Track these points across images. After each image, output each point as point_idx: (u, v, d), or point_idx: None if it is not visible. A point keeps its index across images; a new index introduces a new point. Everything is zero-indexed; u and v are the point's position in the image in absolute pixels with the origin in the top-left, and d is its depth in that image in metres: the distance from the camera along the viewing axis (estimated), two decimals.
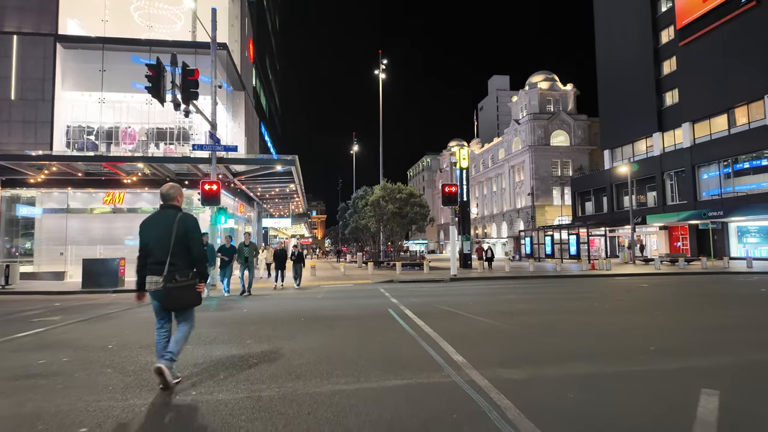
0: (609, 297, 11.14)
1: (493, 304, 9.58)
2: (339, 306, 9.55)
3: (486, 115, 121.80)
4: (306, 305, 9.79)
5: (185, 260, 3.96)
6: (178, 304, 3.97)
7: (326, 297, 11.59)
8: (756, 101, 30.15)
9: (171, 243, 3.90)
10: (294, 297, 11.81)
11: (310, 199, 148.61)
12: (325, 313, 8.40)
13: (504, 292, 12.52)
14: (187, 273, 3.96)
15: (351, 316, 8.07)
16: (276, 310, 9.17)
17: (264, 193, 25.89)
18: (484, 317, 7.61)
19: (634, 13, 41.36)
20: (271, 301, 10.86)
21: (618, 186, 43.42)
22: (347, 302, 10.33)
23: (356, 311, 8.67)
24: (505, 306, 9.27)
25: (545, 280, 17.70)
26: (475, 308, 8.80)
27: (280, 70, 69.91)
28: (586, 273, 20.53)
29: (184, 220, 4.01)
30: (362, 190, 40.90)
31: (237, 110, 26.01)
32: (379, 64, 38.27)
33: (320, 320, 7.53)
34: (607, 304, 9.55)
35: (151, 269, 3.92)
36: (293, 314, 8.32)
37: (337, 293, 12.61)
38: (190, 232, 4.02)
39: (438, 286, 15.13)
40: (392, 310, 8.53)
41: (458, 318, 7.63)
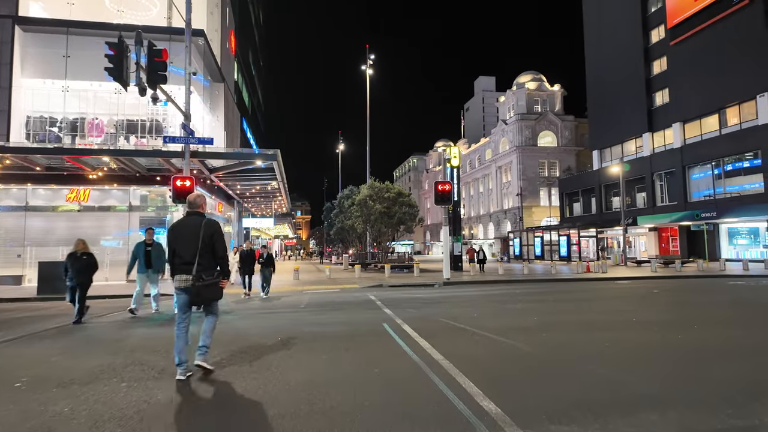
0: (627, 305, 10.08)
1: (501, 316, 8.41)
2: (324, 321, 8.19)
3: (472, 116, 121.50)
4: (285, 320, 8.39)
5: (210, 260, 4.49)
6: (205, 300, 4.52)
7: (309, 307, 10.20)
8: (748, 101, 29.82)
9: (198, 245, 4.41)
10: (270, 310, 9.98)
11: (294, 199, 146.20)
12: (307, 331, 7.01)
13: (508, 300, 11.39)
14: (212, 272, 4.51)
15: (339, 334, 6.74)
16: (248, 325, 7.78)
17: (244, 191, 24.37)
18: (498, 335, 6.39)
19: (624, 13, 40.96)
20: (243, 315, 9.28)
21: (607, 187, 42.99)
22: (334, 315, 8.97)
23: (345, 327, 7.35)
24: (516, 318, 8.08)
25: (545, 285, 16.68)
26: (484, 322, 7.61)
27: (264, 66, 68.09)
28: (584, 276, 19.61)
29: (209, 224, 4.57)
30: (348, 190, 39.55)
31: (216, 103, 24.45)
32: (366, 59, 37.11)
33: (302, 341, 6.17)
34: (631, 315, 8.46)
35: (180, 269, 4.45)
36: (269, 333, 6.93)
37: (321, 302, 11.21)
38: (216, 234, 4.55)
39: (432, 292, 13.94)
40: (388, 326, 7.26)
41: (468, 336, 6.39)
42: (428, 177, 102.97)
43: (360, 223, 29.35)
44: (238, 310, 9.92)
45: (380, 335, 6.54)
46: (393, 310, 9.23)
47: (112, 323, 8.36)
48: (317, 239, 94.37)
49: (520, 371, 4.60)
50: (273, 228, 42.96)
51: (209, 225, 4.57)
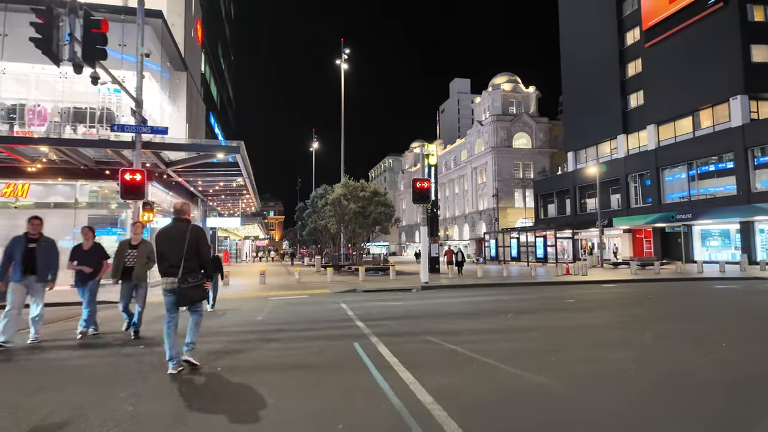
0: (629, 315, 9.16)
1: (495, 331, 7.24)
2: (281, 341, 6.58)
3: (447, 117, 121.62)
4: (225, 341, 6.53)
5: (196, 263, 4.86)
6: (190, 300, 4.90)
7: (268, 319, 8.77)
8: (721, 104, 30.05)
9: (184, 250, 4.78)
10: (209, 331, 7.15)
11: (267, 199, 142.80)
12: (253, 357, 5.60)
13: (496, 308, 10.32)
14: (197, 275, 4.87)
15: (297, 362, 5.34)
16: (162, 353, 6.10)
17: (207, 187, 22.64)
18: (499, 360, 5.15)
19: (599, 15, 41.06)
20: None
21: (582, 188, 43.01)
22: (295, 331, 7.43)
23: (306, 351, 5.93)
24: (513, 335, 6.87)
25: (528, 289, 15.78)
26: (476, 340, 6.44)
27: (235, 60, 65.77)
28: (566, 279, 18.86)
29: (194, 230, 4.94)
30: (322, 189, 38.09)
31: (177, 93, 22.64)
32: (341, 53, 35.76)
33: (240, 373, 4.79)
34: (639, 326, 7.50)
35: (167, 272, 4.82)
36: (207, 357, 5.52)
37: (284, 312, 9.78)
38: (200, 239, 4.94)
39: (410, 299, 12.77)
40: (361, 348, 5.92)
41: (461, 363, 5.14)
42: (404, 178, 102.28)
43: (333, 223, 27.96)
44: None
45: (350, 363, 5.21)
46: (367, 323, 7.97)
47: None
48: (290, 240, 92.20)
49: (551, 427, 3.37)
50: (241, 228, 41.01)
51: (194, 230, 4.90)
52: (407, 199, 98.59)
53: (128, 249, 7.18)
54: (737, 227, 29.08)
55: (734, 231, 29.80)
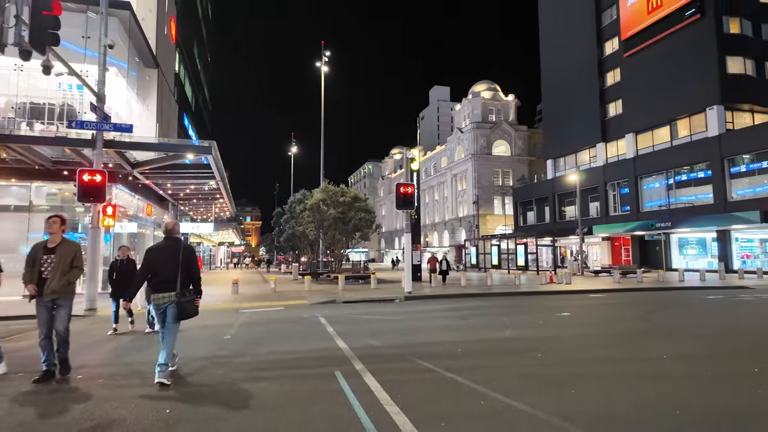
0: (636, 330, 8.57)
1: (494, 354, 6.44)
2: (250, 368, 5.59)
3: (427, 124, 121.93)
4: (186, 373, 5.36)
5: (188, 280, 5.11)
6: (187, 314, 5.05)
7: (238, 338, 7.77)
8: (697, 114, 30.49)
9: (179, 266, 5.02)
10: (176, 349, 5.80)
11: (244, 204, 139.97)
12: (220, 390, 4.64)
13: (488, 322, 9.62)
14: (189, 290, 5.13)
15: (265, 402, 4.27)
16: (133, 379, 5.13)
17: (177, 191, 21.40)
18: (510, 395, 4.31)
19: (579, 24, 41.51)
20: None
21: (561, 196, 43.17)
22: (266, 354, 6.41)
23: (278, 381, 4.98)
24: (523, 360, 5.96)
25: (516, 299, 15.19)
26: (481, 365, 5.62)
27: (212, 62, 64.11)
28: (553, 289, 18.39)
29: (187, 249, 5.23)
30: (300, 194, 37.02)
31: (147, 90, 21.39)
32: (322, 56, 34.99)
33: (199, 422, 3.83)
34: (656, 344, 6.88)
35: (160, 288, 5.00)
36: (155, 402, 4.39)
37: (257, 330, 8.65)
38: (192, 257, 5.20)
39: (394, 310, 11.98)
40: (342, 376, 5.01)
41: (470, 402, 4.25)
42: (384, 184, 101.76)
43: (312, 229, 26.97)
44: (129, 345, 7.37)
45: (332, 398, 4.32)
46: (349, 342, 7.12)
47: None
48: (268, 246, 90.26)
49: None
50: (215, 234, 39.50)
51: (187, 249, 5.19)
52: (387, 205, 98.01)
53: (43, 254, 5.23)
54: (713, 236, 29.41)
55: (710, 239, 30.15)
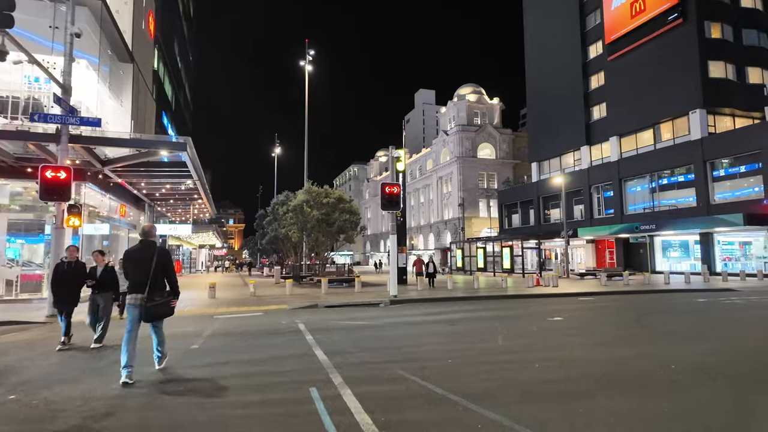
0: (638, 336, 8.16)
1: (489, 363, 5.88)
2: (213, 386, 4.90)
3: (412, 127, 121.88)
4: (139, 391, 4.72)
5: (162, 283, 5.27)
6: (154, 316, 5.26)
7: (206, 348, 7.11)
8: (680, 117, 30.74)
9: (151, 269, 5.12)
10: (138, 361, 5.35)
11: (227, 206, 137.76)
12: (176, 417, 3.95)
13: (478, 328, 9.12)
14: (163, 293, 5.27)
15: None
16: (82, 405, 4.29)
17: (152, 190, 20.49)
18: (510, 417, 3.79)
19: (564, 28, 41.71)
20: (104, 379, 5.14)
21: (545, 199, 43.21)
22: (235, 368, 5.70)
23: (244, 403, 4.31)
24: (522, 374, 5.33)
25: (505, 303, 14.77)
26: (474, 379, 5.06)
27: (194, 61, 62.76)
28: (541, 292, 18.05)
29: (161, 253, 5.34)
30: (284, 195, 36.14)
31: (121, 86, 20.45)
32: (306, 55, 34.33)
33: None
34: (668, 350, 6.44)
35: (133, 288, 5.16)
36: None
37: (229, 338, 8.03)
38: (167, 261, 5.37)
39: (379, 315, 11.41)
40: (319, 395, 4.44)
41: (459, 422, 3.75)
42: (369, 186, 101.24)
43: (295, 231, 26.22)
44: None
45: (304, 427, 3.79)
46: (329, 352, 6.51)
47: None
48: (251, 249, 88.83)
49: None
50: (194, 236, 38.38)
51: (162, 253, 5.34)
52: (373, 207, 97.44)
53: None
54: (696, 239, 29.62)
55: (693, 242, 30.36)
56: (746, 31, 30.93)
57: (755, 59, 30.60)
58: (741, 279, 24.01)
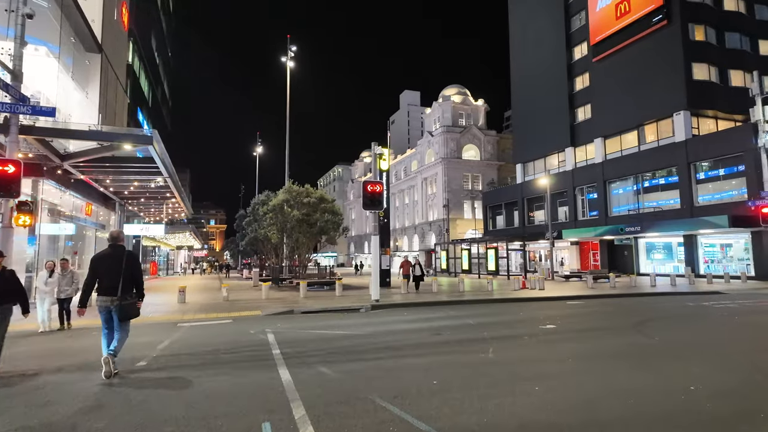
0: (643, 348, 7.53)
1: (490, 391, 5.06)
2: (144, 417, 4.05)
3: (397, 129, 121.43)
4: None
5: (131, 285, 5.65)
6: (127, 315, 5.63)
7: (154, 364, 6.21)
8: (665, 119, 30.71)
9: (122, 272, 5.50)
10: (59, 384, 5.09)
11: (208, 207, 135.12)
12: None
13: (468, 337, 8.39)
14: (132, 294, 5.66)
15: None
16: None
17: (120, 188, 19.30)
18: None
19: (549, 29, 41.59)
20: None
21: (530, 200, 42.97)
22: (178, 392, 4.86)
23: None
24: (521, 399, 4.55)
25: (492, 307, 14.11)
26: (465, 410, 4.24)
27: (173, 57, 61.02)
28: (530, 296, 17.47)
29: (130, 256, 5.72)
30: (264, 195, 35.00)
31: (87, 76, 19.24)
32: (287, 50, 33.35)
33: None
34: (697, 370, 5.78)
35: (105, 291, 5.52)
36: None
37: (185, 352, 7.06)
38: (135, 264, 5.75)
39: (358, 323, 10.61)
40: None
41: None
42: (353, 187, 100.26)
43: (275, 232, 25.20)
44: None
45: None
46: (296, 371, 5.64)
47: None
48: (232, 251, 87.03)
49: None
50: (171, 237, 36.97)
51: (130, 256, 5.73)
52: (357, 208, 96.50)
53: None
54: (679, 241, 29.59)
55: (676, 244, 30.34)
56: (729, 34, 31.10)
57: (737, 62, 30.77)
58: (725, 281, 23.90)
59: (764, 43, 32.13)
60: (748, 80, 30.83)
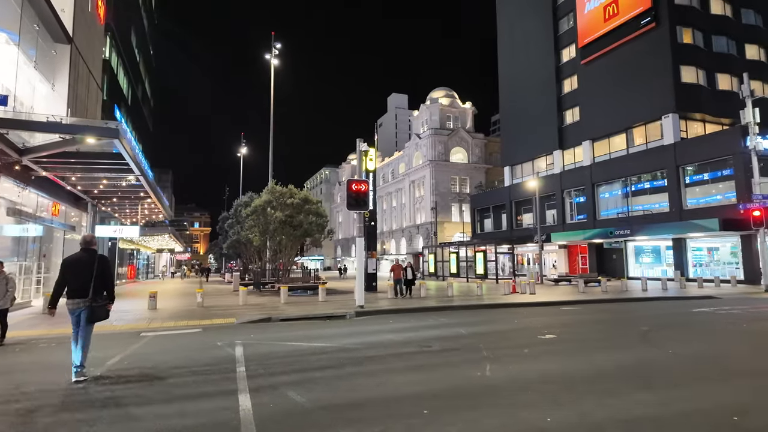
0: (671, 366, 6.80)
1: (491, 421, 4.30)
2: None
3: (384, 132, 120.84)
4: None
5: (102, 288, 5.71)
6: (98, 317, 5.69)
7: (94, 386, 5.35)
8: (653, 122, 30.52)
9: (93, 275, 5.58)
10: None
11: (192, 210, 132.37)
12: None
13: (463, 352, 7.60)
14: (103, 297, 5.74)
15: None
16: None
17: (89, 187, 18.10)
18: None
19: (537, 31, 41.35)
20: None
21: (518, 203, 42.58)
22: (107, 427, 3.99)
23: None
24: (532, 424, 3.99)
25: (484, 313, 13.38)
26: None
27: (155, 55, 59.40)
28: (520, 301, 16.79)
29: (101, 260, 5.79)
30: (247, 196, 33.97)
31: (53, 67, 18.03)
32: (272, 48, 32.47)
33: None
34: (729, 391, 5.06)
35: (75, 293, 5.60)
36: None
37: (133, 368, 6.25)
38: (106, 267, 5.80)
39: (340, 333, 9.76)
40: None
41: None
42: (340, 189, 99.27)
43: (256, 234, 24.19)
44: None
45: None
46: (260, 397, 4.76)
47: None
48: (216, 254, 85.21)
49: None
50: (150, 239, 35.58)
51: (102, 260, 5.79)
52: (344, 211, 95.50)
53: None
54: (667, 244, 29.36)
55: (664, 248, 30.11)
56: (716, 37, 31.11)
57: (724, 66, 30.77)
58: (716, 285, 23.63)
59: (750, 47, 32.24)
60: (735, 84, 30.91)
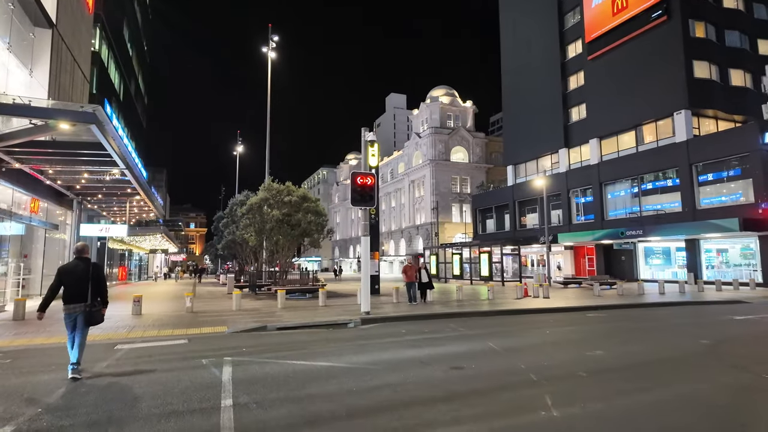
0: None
1: None
2: None
3: (383, 131, 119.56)
4: None
5: (97, 293, 6.05)
6: (94, 321, 6.04)
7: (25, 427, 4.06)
8: (664, 119, 29.46)
9: (89, 282, 5.96)
10: None
11: (188, 210, 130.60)
12: None
13: (502, 375, 6.36)
14: (98, 301, 6.07)
15: None
16: None
17: (70, 181, 16.80)
18: None
19: (541, 27, 40.28)
20: None
21: (521, 203, 41.45)
22: None
23: None
24: None
25: (502, 321, 12.18)
26: None
27: (149, 51, 58.01)
28: (537, 306, 15.58)
29: (95, 267, 6.14)
30: (243, 195, 32.68)
31: (30, 52, 16.74)
32: (269, 41, 31.23)
33: None
34: None
35: (72, 299, 5.88)
36: None
37: (86, 398, 4.92)
38: (100, 274, 6.16)
39: (347, 350, 8.49)
40: None
41: None
42: (338, 190, 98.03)
43: (252, 233, 22.91)
44: None
45: None
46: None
47: None
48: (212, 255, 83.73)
49: None
50: (142, 240, 34.22)
51: (95, 267, 6.15)
52: (342, 211, 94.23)
53: None
54: (678, 245, 28.31)
55: (675, 249, 29.05)
56: (728, 32, 30.11)
57: (737, 61, 29.76)
58: (734, 288, 22.52)
59: (763, 43, 31.25)
60: (748, 80, 29.94)
